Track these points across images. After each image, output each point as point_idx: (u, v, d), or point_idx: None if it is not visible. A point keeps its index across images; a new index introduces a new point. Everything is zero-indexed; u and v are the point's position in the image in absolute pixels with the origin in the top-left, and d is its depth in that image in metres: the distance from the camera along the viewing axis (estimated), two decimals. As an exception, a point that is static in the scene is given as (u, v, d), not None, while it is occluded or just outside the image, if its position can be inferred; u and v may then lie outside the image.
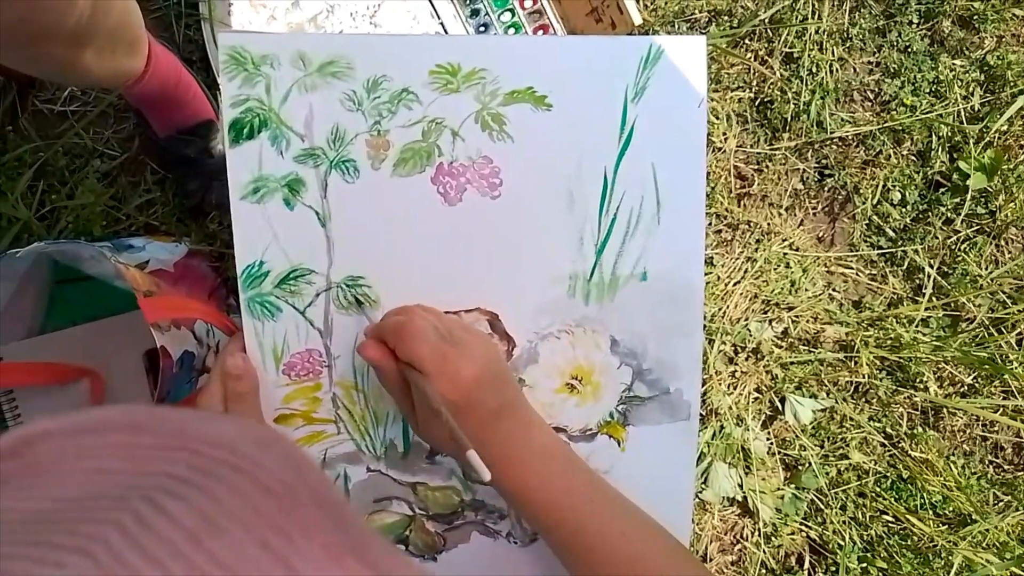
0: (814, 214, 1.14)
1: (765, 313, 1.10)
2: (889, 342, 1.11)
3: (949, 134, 1.12)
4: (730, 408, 1.07)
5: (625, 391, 0.61)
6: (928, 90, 1.11)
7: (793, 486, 1.10)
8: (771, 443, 1.10)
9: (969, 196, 1.09)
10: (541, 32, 0.95)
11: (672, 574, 0.53)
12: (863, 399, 1.12)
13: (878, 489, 1.11)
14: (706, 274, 1.08)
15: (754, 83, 1.09)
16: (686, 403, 0.62)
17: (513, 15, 1.01)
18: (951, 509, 1.11)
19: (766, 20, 1.07)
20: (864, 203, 1.11)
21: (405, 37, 0.55)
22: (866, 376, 1.10)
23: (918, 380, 1.11)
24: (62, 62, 0.63)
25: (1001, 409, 1.12)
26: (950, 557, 1.06)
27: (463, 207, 0.56)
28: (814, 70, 1.09)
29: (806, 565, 1.11)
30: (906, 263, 1.13)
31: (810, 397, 1.10)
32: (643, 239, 0.59)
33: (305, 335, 0.57)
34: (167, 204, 0.96)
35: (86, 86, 0.92)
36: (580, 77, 0.56)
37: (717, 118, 1.08)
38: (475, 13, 1.01)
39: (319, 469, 0.28)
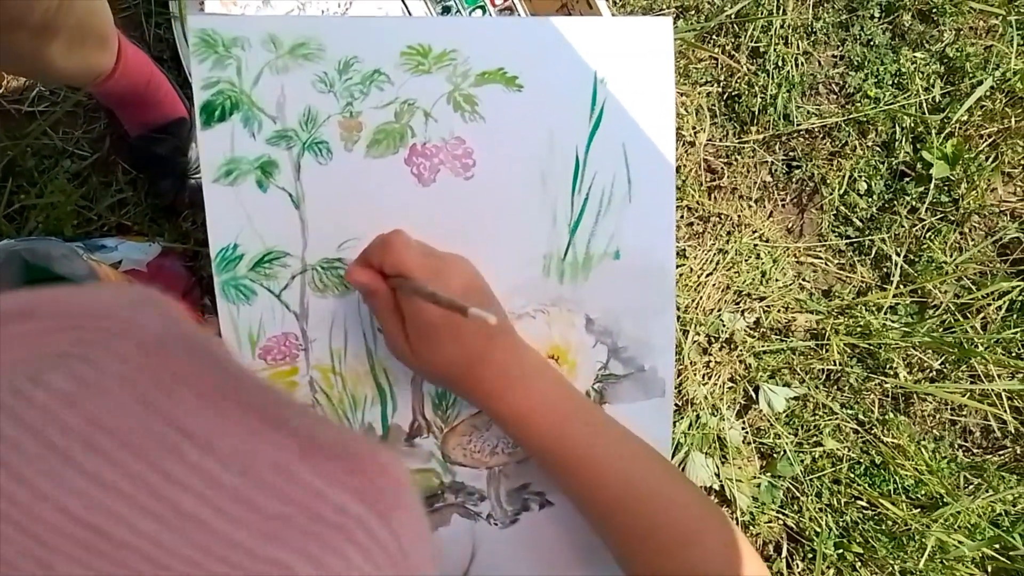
0: (783, 206, 1.15)
1: (737, 304, 1.12)
2: (859, 330, 1.13)
3: (912, 125, 1.14)
4: (705, 398, 1.09)
5: (601, 369, 0.62)
6: (891, 82, 1.14)
7: (769, 474, 1.11)
8: (746, 432, 1.11)
9: (933, 185, 1.12)
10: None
11: (669, 495, 0.53)
12: (835, 386, 1.14)
13: (852, 475, 1.13)
14: (679, 266, 1.09)
15: (722, 77, 1.11)
16: (660, 380, 0.62)
17: (484, 12, 1.02)
18: (923, 493, 1.12)
19: (732, 15, 1.09)
20: (831, 194, 1.14)
21: (376, 19, 0.56)
22: (837, 363, 1.12)
23: (888, 366, 1.13)
24: (28, 54, 0.63)
25: (969, 393, 1.14)
26: (923, 540, 1.08)
27: (437, 188, 0.57)
28: (780, 64, 1.11)
29: (784, 553, 1.12)
30: (873, 252, 1.15)
31: (783, 385, 1.11)
32: (615, 218, 0.60)
33: (281, 318, 0.57)
34: (139, 204, 0.96)
35: (55, 81, 0.91)
36: (550, 58, 0.57)
37: (687, 112, 1.10)
38: (446, 11, 1.02)
39: (194, 323, 0.28)
